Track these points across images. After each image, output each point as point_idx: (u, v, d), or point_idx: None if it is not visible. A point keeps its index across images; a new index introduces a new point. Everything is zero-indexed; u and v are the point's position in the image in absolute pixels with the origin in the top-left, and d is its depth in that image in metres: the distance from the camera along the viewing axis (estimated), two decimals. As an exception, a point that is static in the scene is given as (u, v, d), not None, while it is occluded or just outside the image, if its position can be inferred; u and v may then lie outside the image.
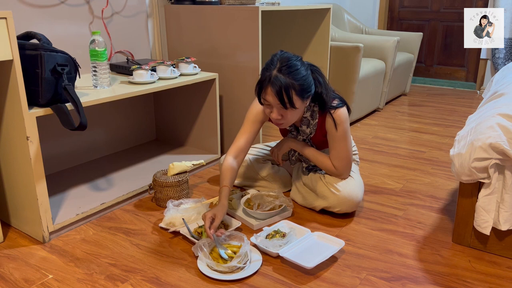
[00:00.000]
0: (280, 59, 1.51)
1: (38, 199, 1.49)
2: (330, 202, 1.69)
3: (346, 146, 1.66)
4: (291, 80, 1.47)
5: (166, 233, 1.61)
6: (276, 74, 1.48)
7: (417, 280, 1.35)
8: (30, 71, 1.42)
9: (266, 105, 1.55)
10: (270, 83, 1.49)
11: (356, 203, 1.69)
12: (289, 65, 1.49)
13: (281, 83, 1.46)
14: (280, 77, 1.47)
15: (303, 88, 1.50)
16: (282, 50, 1.57)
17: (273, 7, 2.22)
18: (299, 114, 1.59)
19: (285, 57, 1.52)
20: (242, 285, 1.32)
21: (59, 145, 2.06)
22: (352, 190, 1.67)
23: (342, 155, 1.67)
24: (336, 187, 1.68)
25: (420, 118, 3.27)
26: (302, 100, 1.53)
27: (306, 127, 1.71)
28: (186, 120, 2.40)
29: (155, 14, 2.38)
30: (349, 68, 2.78)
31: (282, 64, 1.49)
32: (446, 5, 4.31)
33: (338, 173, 1.70)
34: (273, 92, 1.48)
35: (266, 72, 1.51)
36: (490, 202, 1.40)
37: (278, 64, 1.50)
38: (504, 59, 3.88)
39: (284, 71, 1.48)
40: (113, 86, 1.85)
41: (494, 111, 1.46)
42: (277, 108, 1.53)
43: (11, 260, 1.46)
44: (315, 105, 1.66)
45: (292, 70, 1.48)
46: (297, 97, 1.50)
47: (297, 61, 1.52)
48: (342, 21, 3.94)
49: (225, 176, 1.62)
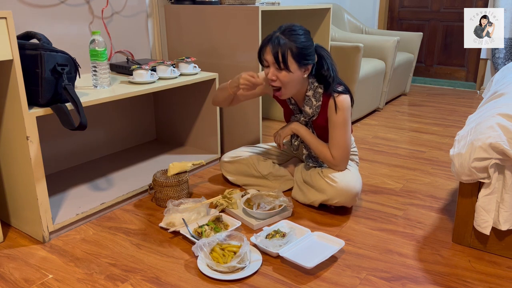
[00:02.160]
0: (286, 25, 1.62)
1: (38, 199, 1.49)
2: (328, 194, 1.69)
3: (345, 134, 1.68)
4: (290, 42, 1.56)
5: (166, 233, 1.61)
6: (277, 35, 1.58)
7: (417, 280, 1.35)
8: (30, 71, 1.42)
9: (266, 66, 1.63)
10: (269, 42, 1.58)
11: (354, 195, 1.68)
12: (291, 29, 1.59)
13: (279, 42, 1.56)
14: (280, 37, 1.57)
15: (300, 52, 1.57)
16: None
17: (273, 7, 2.22)
18: (294, 81, 1.63)
19: (291, 24, 1.62)
20: (242, 285, 1.32)
21: (59, 145, 2.06)
22: (349, 181, 1.68)
23: (340, 144, 1.69)
24: (332, 178, 1.69)
25: (420, 118, 3.27)
26: (298, 65, 1.59)
27: (309, 108, 1.74)
28: (186, 120, 2.40)
29: (155, 14, 2.38)
30: (349, 68, 2.78)
31: (286, 27, 1.60)
32: (446, 5, 4.31)
33: (335, 163, 1.71)
34: (270, 50, 1.57)
35: (270, 34, 1.61)
36: (490, 202, 1.40)
37: (283, 28, 1.60)
38: (504, 59, 3.88)
39: (286, 33, 1.58)
40: (113, 86, 1.85)
41: (494, 111, 1.46)
42: (273, 67, 1.60)
43: (11, 260, 1.46)
44: (320, 86, 1.69)
45: (293, 34, 1.57)
46: (293, 60, 1.57)
47: (301, 29, 1.61)
48: (342, 21, 3.94)
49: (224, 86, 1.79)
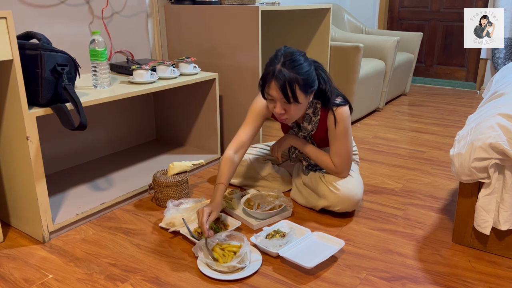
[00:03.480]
0: (284, 53, 1.51)
1: (38, 199, 1.49)
2: (330, 201, 1.69)
3: (346, 144, 1.67)
4: (295, 74, 1.47)
5: (166, 233, 1.61)
6: (280, 68, 1.48)
7: (417, 280, 1.35)
8: (30, 71, 1.42)
9: (270, 99, 1.56)
10: (274, 77, 1.48)
11: (356, 202, 1.69)
12: (293, 60, 1.49)
13: (285, 77, 1.46)
14: (284, 71, 1.47)
15: (306, 83, 1.51)
16: (286, 46, 1.57)
17: (273, 7, 2.22)
18: (302, 109, 1.59)
19: (289, 51, 1.52)
20: (242, 285, 1.32)
21: (59, 145, 2.06)
22: (352, 189, 1.67)
23: (342, 153, 1.67)
24: (335, 186, 1.68)
25: (420, 118, 3.27)
26: (305, 95, 1.53)
27: (308, 124, 1.71)
28: (186, 120, 2.40)
29: (155, 14, 2.38)
30: (349, 68, 2.78)
31: (286, 58, 1.49)
32: (446, 5, 4.31)
33: (337, 171, 1.70)
34: (277, 86, 1.48)
35: (270, 67, 1.51)
36: (490, 202, 1.40)
37: (282, 59, 1.49)
38: (504, 59, 3.88)
39: (288, 65, 1.48)
40: (113, 86, 1.85)
41: (494, 111, 1.46)
42: (280, 102, 1.53)
43: (11, 260, 1.46)
44: (318, 102, 1.66)
45: (296, 65, 1.48)
46: (301, 92, 1.50)
47: (301, 56, 1.52)
48: (342, 21, 3.94)
49: (222, 172, 1.61)
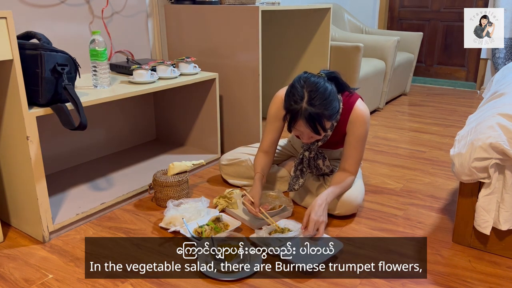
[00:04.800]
0: (307, 87, 1.47)
1: (38, 199, 1.49)
2: (330, 205, 1.68)
3: (362, 148, 1.67)
4: (323, 110, 1.46)
5: (166, 233, 1.61)
6: (306, 107, 1.45)
7: (417, 280, 1.34)
8: (30, 71, 1.42)
9: (296, 130, 1.55)
10: (301, 117, 1.46)
11: (355, 207, 1.69)
12: (319, 96, 1.46)
13: (314, 117, 1.45)
14: (311, 111, 1.45)
15: (332, 113, 1.51)
16: (306, 72, 1.54)
17: (273, 7, 2.22)
18: None
19: (312, 83, 1.48)
20: (242, 285, 1.32)
21: (59, 145, 2.06)
22: (353, 195, 1.68)
23: (359, 159, 1.68)
24: None
25: (420, 118, 3.27)
26: (331, 121, 1.57)
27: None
28: (186, 120, 2.40)
29: (155, 14, 2.38)
30: (349, 68, 2.78)
31: (311, 95, 1.46)
32: (446, 5, 4.31)
33: (353, 179, 1.70)
34: (305, 124, 1.48)
35: (295, 105, 1.47)
36: (490, 202, 1.40)
37: (307, 96, 1.46)
38: (504, 59, 3.88)
39: (315, 103, 1.45)
40: (113, 86, 1.85)
41: (494, 111, 1.46)
42: (308, 134, 1.54)
43: (11, 260, 1.46)
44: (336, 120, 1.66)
45: (322, 101, 1.46)
46: (328, 121, 1.52)
47: (324, 85, 1.48)
48: (342, 21, 3.94)
49: (257, 164, 1.73)
